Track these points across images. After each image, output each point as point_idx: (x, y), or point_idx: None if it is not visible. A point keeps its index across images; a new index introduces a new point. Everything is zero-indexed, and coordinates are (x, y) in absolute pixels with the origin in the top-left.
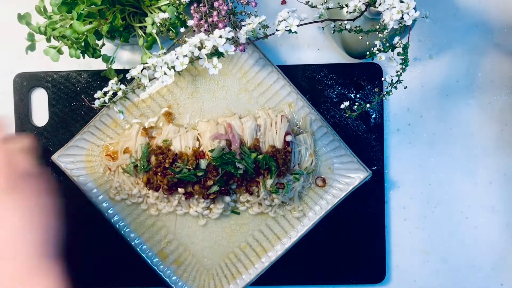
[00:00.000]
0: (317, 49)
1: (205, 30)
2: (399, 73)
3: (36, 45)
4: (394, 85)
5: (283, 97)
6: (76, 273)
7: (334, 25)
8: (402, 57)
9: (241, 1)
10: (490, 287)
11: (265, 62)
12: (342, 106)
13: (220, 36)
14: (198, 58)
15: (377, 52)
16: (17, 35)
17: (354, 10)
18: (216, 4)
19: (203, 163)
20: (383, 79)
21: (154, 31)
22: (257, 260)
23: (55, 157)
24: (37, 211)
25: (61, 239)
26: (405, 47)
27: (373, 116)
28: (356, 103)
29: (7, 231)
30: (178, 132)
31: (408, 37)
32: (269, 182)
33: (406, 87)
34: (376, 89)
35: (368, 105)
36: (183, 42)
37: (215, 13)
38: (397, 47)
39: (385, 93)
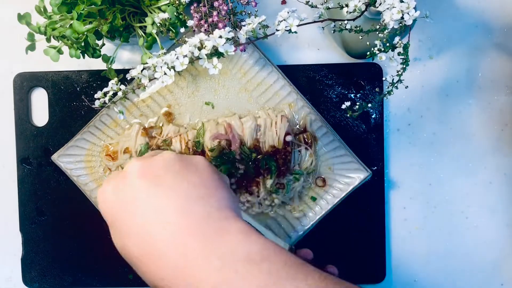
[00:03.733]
0: (317, 49)
1: (205, 30)
2: (399, 72)
3: (36, 45)
4: (395, 85)
5: (283, 97)
6: (76, 272)
7: (334, 25)
8: (403, 56)
9: (241, 1)
10: (490, 287)
11: (265, 62)
12: (343, 107)
13: (220, 36)
14: (198, 58)
15: (377, 52)
16: (17, 35)
17: (354, 10)
18: (216, 4)
19: None
20: (384, 79)
21: (154, 31)
22: None
23: (55, 157)
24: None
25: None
26: (406, 47)
27: (373, 116)
28: (357, 103)
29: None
30: (178, 132)
31: (408, 37)
32: (269, 182)
33: (407, 86)
34: (377, 89)
35: (369, 105)
36: (183, 42)
37: (215, 13)
38: (397, 47)
39: (386, 92)
